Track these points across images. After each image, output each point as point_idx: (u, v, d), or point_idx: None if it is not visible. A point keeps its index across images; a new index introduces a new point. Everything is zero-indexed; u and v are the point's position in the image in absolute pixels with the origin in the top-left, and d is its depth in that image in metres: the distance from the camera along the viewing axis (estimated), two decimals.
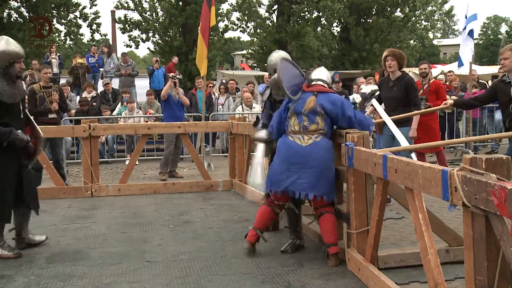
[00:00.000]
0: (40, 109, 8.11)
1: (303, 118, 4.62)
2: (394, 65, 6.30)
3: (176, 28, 24.46)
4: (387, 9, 27.30)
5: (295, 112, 4.66)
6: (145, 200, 7.29)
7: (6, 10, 22.67)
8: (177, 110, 9.29)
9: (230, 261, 4.60)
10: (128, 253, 4.85)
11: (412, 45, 30.44)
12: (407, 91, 6.31)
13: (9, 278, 4.20)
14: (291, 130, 4.66)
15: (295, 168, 4.50)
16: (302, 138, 4.58)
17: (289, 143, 4.60)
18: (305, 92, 4.73)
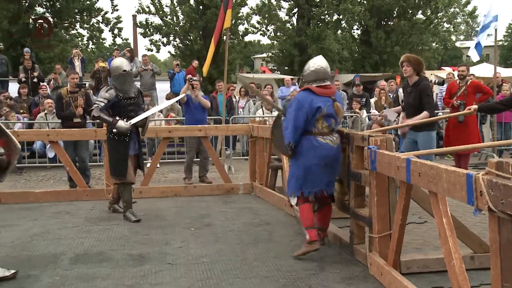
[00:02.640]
0: (66, 113, 8.31)
1: (331, 121, 4.75)
2: (410, 71, 6.33)
3: (197, 31, 24.61)
4: (409, 12, 27.06)
5: (325, 115, 4.70)
6: (166, 203, 7.34)
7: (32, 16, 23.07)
8: (198, 113, 9.23)
9: (251, 264, 4.60)
10: (149, 255, 4.88)
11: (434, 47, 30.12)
12: (421, 96, 6.33)
13: (35, 278, 4.26)
14: (319, 131, 4.72)
15: (330, 169, 4.76)
16: (332, 139, 4.75)
17: (324, 145, 4.70)
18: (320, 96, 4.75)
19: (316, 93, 4.74)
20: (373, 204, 4.22)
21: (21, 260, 4.75)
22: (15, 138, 7.57)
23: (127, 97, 6.40)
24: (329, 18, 26.89)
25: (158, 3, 24.96)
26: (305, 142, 4.72)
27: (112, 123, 6.31)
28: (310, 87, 4.79)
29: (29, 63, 14.47)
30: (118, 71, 6.37)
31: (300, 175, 4.75)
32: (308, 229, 4.75)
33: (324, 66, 4.88)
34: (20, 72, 14.43)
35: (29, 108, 12.57)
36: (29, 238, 5.50)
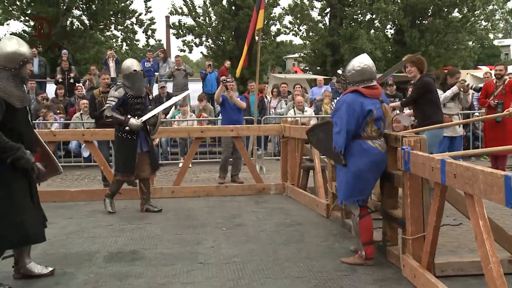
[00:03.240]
0: (98, 113, 8.46)
1: (380, 124, 4.56)
2: (414, 71, 6.36)
3: (229, 32, 24.75)
4: (444, 10, 26.53)
5: (375, 118, 4.48)
6: (198, 203, 7.39)
7: (69, 18, 23.62)
8: (233, 113, 9.26)
9: (283, 264, 4.59)
10: (181, 254, 4.93)
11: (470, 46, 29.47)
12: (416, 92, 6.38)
13: (71, 275, 4.36)
14: (368, 135, 4.48)
15: (377, 175, 4.58)
16: (381, 144, 4.53)
17: (373, 150, 4.46)
18: (369, 98, 4.52)
19: (365, 95, 4.48)
20: (406, 205, 4.16)
21: (58, 257, 4.87)
22: (52, 137, 7.80)
23: (135, 96, 6.63)
24: (362, 18, 26.64)
25: (191, 4, 25.20)
26: (355, 146, 4.45)
27: (124, 121, 6.53)
28: (358, 89, 4.50)
29: (66, 64, 14.82)
30: (129, 71, 6.62)
31: (350, 181, 4.49)
32: (365, 245, 4.53)
33: (370, 64, 4.60)
34: (57, 73, 14.79)
35: (65, 109, 12.86)
36: (65, 236, 5.62)
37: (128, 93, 6.58)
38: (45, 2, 21.93)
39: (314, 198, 6.81)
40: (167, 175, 10.33)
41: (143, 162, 6.76)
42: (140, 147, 6.70)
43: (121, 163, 6.75)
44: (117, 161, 6.87)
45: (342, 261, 4.63)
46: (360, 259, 4.56)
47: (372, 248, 4.56)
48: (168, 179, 9.69)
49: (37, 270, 4.35)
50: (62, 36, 22.59)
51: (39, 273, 4.33)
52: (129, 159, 6.62)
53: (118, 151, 6.84)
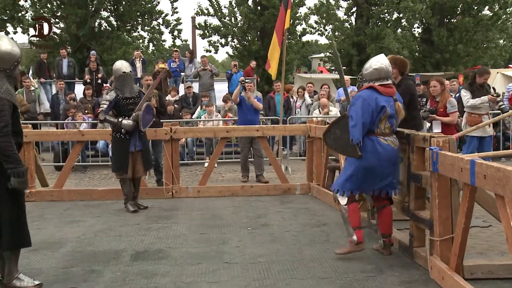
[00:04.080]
0: None
1: (393, 122, 4.71)
2: (395, 73, 6.15)
3: (254, 32, 24.78)
4: (474, 8, 26.06)
5: (388, 115, 4.64)
6: (224, 202, 7.42)
7: (97, 20, 23.98)
8: (250, 114, 9.32)
9: (308, 265, 4.58)
10: (207, 254, 4.95)
11: (501, 44, 28.85)
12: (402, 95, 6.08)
13: (98, 273, 4.43)
14: (381, 132, 4.64)
15: (390, 170, 4.69)
16: (393, 141, 4.69)
17: (386, 147, 4.62)
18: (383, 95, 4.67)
19: (380, 92, 4.65)
20: (434, 206, 4.10)
21: (86, 255, 4.95)
22: (80, 137, 7.93)
23: (126, 97, 6.81)
24: (388, 17, 26.37)
25: (216, 4, 25.31)
26: (368, 142, 4.60)
27: (117, 124, 6.73)
28: (374, 86, 4.68)
29: (94, 65, 15.04)
30: (118, 73, 6.81)
31: (359, 176, 4.66)
32: (356, 229, 4.73)
33: (386, 64, 4.79)
34: (86, 74, 15.02)
35: (93, 109, 13.05)
36: (93, 234, 5.71)
37: (119, 95, 6.76)
38: (74, 4, 22.32)
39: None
40: (193, 175, 10.40)
41: (136, 161, 6.93)
42: (133, 146, 6.86)
43: (115, 162, 6.95)
44: (111, 160, 7.03)
45: (336, 253, 4.79)
46: (351, 245, 4.73)
47: (361, 232, 4.73)
48: (193, 179, 9.75)
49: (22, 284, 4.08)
50: (90, 37, 22.97)
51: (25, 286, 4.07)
52: (122, 157, 6.82)
53: (112, 151, 7.03)
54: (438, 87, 7.19)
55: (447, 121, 7.14)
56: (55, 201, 7.47)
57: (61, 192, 7.73)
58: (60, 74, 15.74)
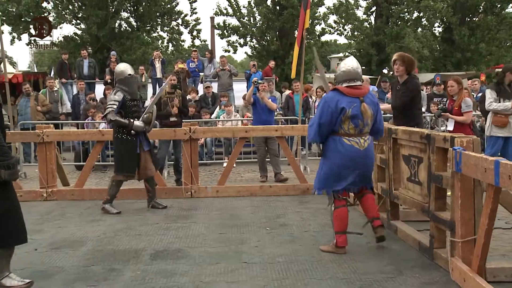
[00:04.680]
0: (163, 112, 8.78)
1: (359, 122, 4.82)
2: (402, 70, 6.26)
3: (273, 32, 24.81)
4: (497, 6, 25.67)
5: (351, 116, 4.78)
6: (242, 202, 7.42)
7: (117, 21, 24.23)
8: (264, 114, 9.35)
9: (327, 265, 4.55)
10: (226, 253, 4.96)
11: None
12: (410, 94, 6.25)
13: (118, 272, 4.46)
14: (345, 132, 4.82)
15: (356, 170, 4.84)
16: (359, 142, 4.85)
17: (347, 147, 4.81)
18: (348, 97, 4.84)
19: (344, 93, 4.83)
20: (456, 207, 4.04)
21: (106, 253, 4.99)
22: (100, 137, 8.01)
23: (131, 99, 6.87)
24: (408, 16, 26.13)
25: (235, 4, 25.37)
26: (331, 142, 4.85)
27: (129, 125, 6.74)
28: (339, 87, 4.90)
29: (115, 65, 15.16)
30: (124, 75, 6.86)
31: (325, 174, 4.92)
32: (338, 234, 4.89)
33: (355, 66, 4.99)
34: (106, 74, 15.18)
35: None
36: (113, 233, 5.76)
37: (126, 96, 6.81)
38: (95, 5, 22.60)
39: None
40: (212, 174, 10.43)
41: (147, 160, 6.98)
42: (141, 146, 6.93)
43: (122, 163, 6.90)
44: (117, 161, 7.01)
45: (320, 249, 4.99)
46: (334, 248, 4.92)
47: (344, 238, 4.90)
48: (212, 179, 9.78)
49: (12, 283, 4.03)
50: (110, 38, 23.22)
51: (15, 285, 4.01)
52: (130, 159, 6.84)
53: (118, 152, 6.99)
54: (455, 86, 7.19)
55: (460, 120, 7.10)
56: (76, 200, 7.55)
57: (82, 191, 7.82)
58: (81, 75, 15.93)
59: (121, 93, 6.80)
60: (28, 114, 12.02)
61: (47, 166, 7.80)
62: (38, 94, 13.00)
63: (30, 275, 4.39)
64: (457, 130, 6.81)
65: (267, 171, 9.37)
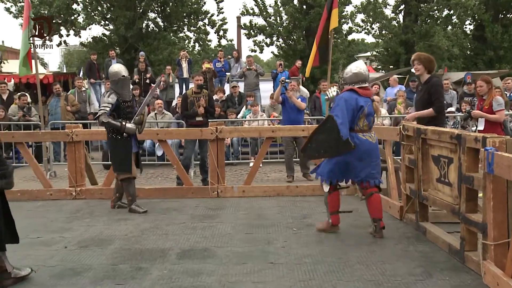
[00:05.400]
0: (189, 112, 8.87)
1: (371, 120, 5.43)
2: (421, 69, 6.27)
3: (300, 31, 24.69)
4: None
5: (366, 114, 5.34)
6: (269, 202, 7.41)
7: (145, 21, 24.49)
8: (293, 113, 9.38)
9: (354, 267, 4.51)
10: (252, 253, 4.96)
11: None
12: (430, 92, 6.22)
13: (145, 271, 4.51)
14: (360, 129, 5.34)
15: (370, 163, 5.36)
16: (371, 136, 5.41)
17: (363, 141, 5.31)
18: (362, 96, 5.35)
19: (359, 94, 5.34)
20: (488, 209, 3.96)
21: (133, 252, 5.04)
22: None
23: (125, 100, 6.91)
24: (438, 14, 25.71)
25: (262, 4, 25.35)
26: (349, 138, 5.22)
27: (121, 127, 6.78)
28: (354, 88, 5.37)
29: (143, 65, 15.38)
30: (117, 76, 6.90)
31: (341, 167, 5.35)
32: (332, 214, 5.58)
33: (364, 69, 5.52)
34: (134, 74, 15.36)
35: None
36: (140, 232, 5.82)
37: (120, 98, 6.86)
38: (123, 6, 22.89)
39: (387, 200, 6.64)
40: (238, 174, 10.45)
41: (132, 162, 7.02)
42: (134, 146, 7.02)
43: (119, 163, 6.95)
44: (113, 161, 7.06)
45: (316, 228, 5.68)
46: (328, 225, 5.60)
47: (337, 217, 5.59)
48: (238, 179, 9.80)
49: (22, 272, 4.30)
50: (138, 38, 23.48)
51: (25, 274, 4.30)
52: (127, 157, 6.90)
53: (114, 152, 7.03)
54: (485, 86, 7.12)
55: (492, 118, 6.97)
56: (104, 199, 7.66)
57: (110, 190, 7.90)
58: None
59: (115, 95, 6.84)
60: (58, 114, 12.23)
61: (76, 165, 7.93)
62: (68, 94, 13.23)
63: (60, 272, 4.48)
64: (488, 130, 6.69)
65: (294, 171, 9.36)
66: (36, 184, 8.72)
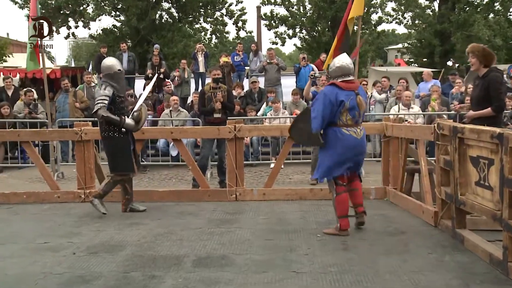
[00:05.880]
0: (206, 109, 8.94)
1: (355, 114, 5.75)
2: (475, 63, 6.26)
3: (325, 22, 24.65)
4: None
5: (349, 108, 5.69)
6: (291, 206, 7.41)
7: (158, 12, 24.67)
8: None
9: (384, 277, 4.48)
10: (273, 261, 4.96)
11: None
12: (488, 89, 6.16)
13: (159, 279, 4.54)
14: (343, 123, 5.73)
15: (354, 157, 5.82)
16: (356, 132, 5.78)
17: (347, 137, 5.73)
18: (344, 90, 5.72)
19: (341, 88, 5.72)
20: None
21: (146, 259, 5.08)
22: (141, 135, 8.14)
23: (119, 95, 7.01)
24: (479, 1, 25.38)
25: None
26: (331, 133, 5.72)
27: (120, 122, 6.88)
28: (336, 82, 5.78)
29: (157, 59, 15.45)
30: (113, 70, 6.99)
31: (327, 163, 5.76)
32: (341, 218, 5.77)
33: (348, 62, 5.88)
34: (148, 68, 15.48)
35: (154, 105, 13.39)
36: (153, 237, 5.86)
37: (115, 92, 6.94)
38: None
39: (420, 205, 6.59)
40: (258, 176, 10.46)
41: None
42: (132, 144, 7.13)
43: (119, 162, 7.04)
44: (113, 161, 7.11)
45: (324, 232, 5.86)
46: (338, 231, 5.78)
47: (346, 221, 5.79)
48: (258, 181, 9.81)
49: None
50: (151, 30, 23.64)
51: None
52: (128, 156, 7.02)
53: (113, 151, 7.09)
54: None
55: None
56: (114, 202, 7.71)
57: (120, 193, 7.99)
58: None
59: (111, 88, 6.93)
60: (66, 111, 12.38)
61: (85, 166, 8.02)
62: (77, 90, 13.38)
63: (68, 280, 4.53)
64: None
65: None
66: (43, 186, 8.85)
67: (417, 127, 7.72)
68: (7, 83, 14.04)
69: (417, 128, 7.24)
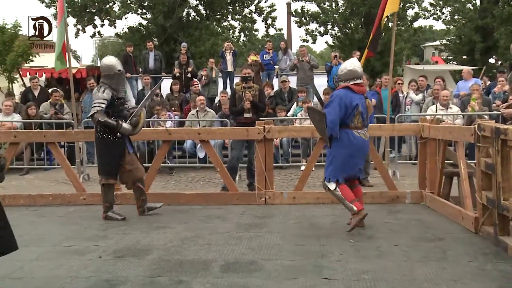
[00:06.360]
0: (236, 108, 8.98)
1: (364, 117, 6.15)
2: None
3: (358, 19, 24.51)
4: None
5: (360, 111, 6.07)
6: (322, 210, 7.39)
7: (185, 9, 24.84)
8: None
9: (421, 285, 4.44)
10: (304, 267, 4.95)
11: None
12: None
13: (186, 284, 4.57)
14: (354, 126, 6.11)
15: (361, 159, 6.32)
16: (364, 133, 6.20)
17: (358, 138, 6.12)
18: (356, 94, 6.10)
19: (353, 91, 6.07)
20: None
21: (173, 264, 5.13)
22: (167, 136, 8.20)
23: (119, 97, 7.01)
24: None
25: None
26: (344, 135, 6.05)
27: (117, 127, 6.90)
28: (349, 85, 6.11)
29: (185, 58, 15.52)
30: (113, 70, 6.99)
31: (340, 164, 6.12)
32: (352, 202, 6.06)
33: (358, 65, 6.28)
34: (175, 67, 15.57)
35: (180, 105, 13.46)
36: (180, 241, 5.91)
37: (114, 94, 6.95)
38: None
39: (459, 210, 6.51)
40: (288, 179, 10.45)
41: (135, 161, 7.18)
42: (127, 148, 7.13)
43: (105, 166, 7.09)
44: (100, 163, 7.18)
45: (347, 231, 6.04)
46: (356, 216, 6.06)
47: (358, 203, 6.11)
48: (288, 184, 9.80)
49: None
50: (178, 28, 23.81)
51: None
52: (114, 161, 7.04)
53: (102, 154, 7.15)
54: None
55: None
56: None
57: (147, 195, 8.06)
58: (146, 69, 16.45)
59: (109, 91, 6.95)
60: None
61: None
62: None
63: (94, 284, 4.60)
64: None
65: None
66: (69, 188, 9.00)
67: (455, 128, 7.62)
68: (33, 83, 14.30)
69: (456, 129, 7.14)
